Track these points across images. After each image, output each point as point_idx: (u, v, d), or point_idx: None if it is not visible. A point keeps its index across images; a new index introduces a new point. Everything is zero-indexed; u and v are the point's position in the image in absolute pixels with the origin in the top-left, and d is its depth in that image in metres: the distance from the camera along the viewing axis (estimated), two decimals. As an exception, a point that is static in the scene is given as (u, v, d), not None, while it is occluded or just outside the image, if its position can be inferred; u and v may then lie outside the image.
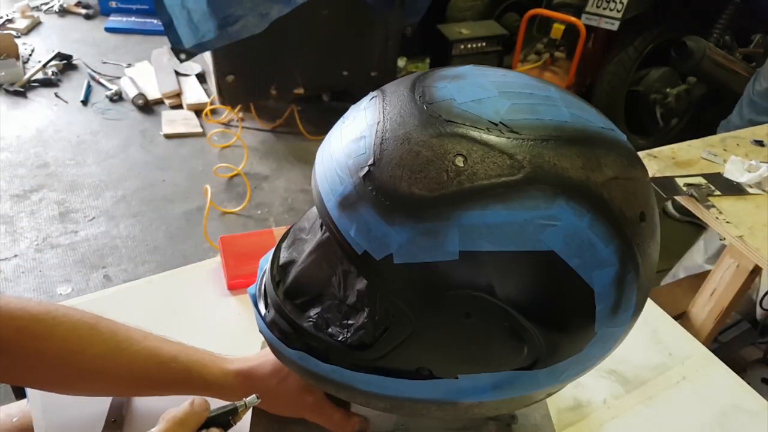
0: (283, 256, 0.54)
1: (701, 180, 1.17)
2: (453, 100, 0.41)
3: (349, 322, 0.46)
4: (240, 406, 0.47)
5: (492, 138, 0.39)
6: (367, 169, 0.40)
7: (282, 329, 0.49)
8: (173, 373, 0.57)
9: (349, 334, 0.46)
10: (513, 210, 0.37)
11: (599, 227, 0.39)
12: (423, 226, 0.38)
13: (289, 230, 0.57)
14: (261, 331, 0.51)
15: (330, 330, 0.47)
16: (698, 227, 2.07)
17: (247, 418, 0.56)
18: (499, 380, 0.43)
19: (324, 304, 0.49)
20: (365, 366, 0.44)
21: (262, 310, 0.52)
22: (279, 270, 0.53)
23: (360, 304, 0.46)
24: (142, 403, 0.65)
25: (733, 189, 1.15)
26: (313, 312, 0.49)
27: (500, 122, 0.40)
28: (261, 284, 0.54)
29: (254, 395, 0.48)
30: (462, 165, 0.38)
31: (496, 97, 0.42)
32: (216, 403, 0.51)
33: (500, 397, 0.45)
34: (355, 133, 0.43)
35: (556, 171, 0.39)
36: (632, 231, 0.41)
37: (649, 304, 0.90)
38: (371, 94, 0.46)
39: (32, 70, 2.87)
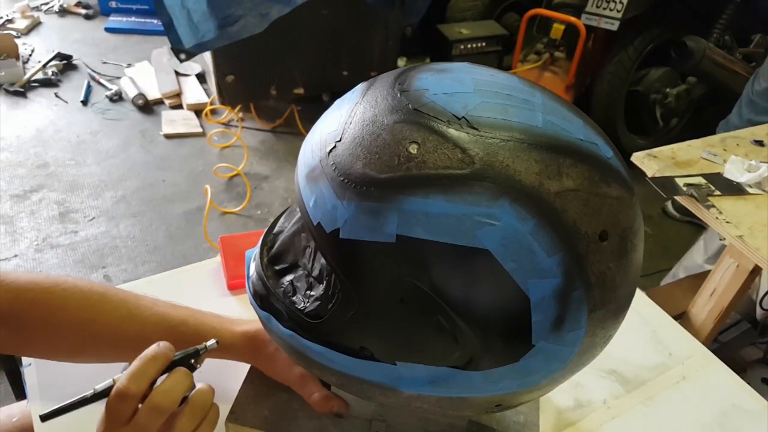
0: (278, 225, 0.57)
1: (701, 180, 1.17)
2: (426, 90, 0.42)
3: (311, 293, 0.49)
4: (201, 349, 0.48)
5: (450, 131, 0.39)
6: (333, 145, 0.42)
7: (258, 291, 0.52)
8: (183, 336, 0.59)
9: (307, 304, 0.48)
10: (453, 203, 0.38)
11: (543, 236, 0.38)
12: (367, 205, 0.39)
13: None
14: (247, 290, 0.54)
15: (294, 298, 0.49)
16: (698, 227, 2.07)
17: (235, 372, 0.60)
18: (435, 375, 0.43)
19: (296, 273, 0.51)
20: (317, 337, 0.46)
21: (252, 272, 0.55)
22: (272, 237, 0.56)
23: (320, 277, 0.48)
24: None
25: (733, 189, 1.15)
26: (286, 279, 0.51)
27: (464, 117, 0.40)
28: (257, 249, 0.57)
29: (214, 340, 0.49)
30: (414, 152, 0.39)
31: (469, 93, 0.42)
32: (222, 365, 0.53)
33: (438, 393, 0.44)
34: (337, 112, 0.46)
35: (507, 172, 0.38)
36: (586, 247, 0.40)
37: (649, 304, 0.90)
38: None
39: (32, 70, 2.87)
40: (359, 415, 0.61)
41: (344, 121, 0.43)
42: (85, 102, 2.74)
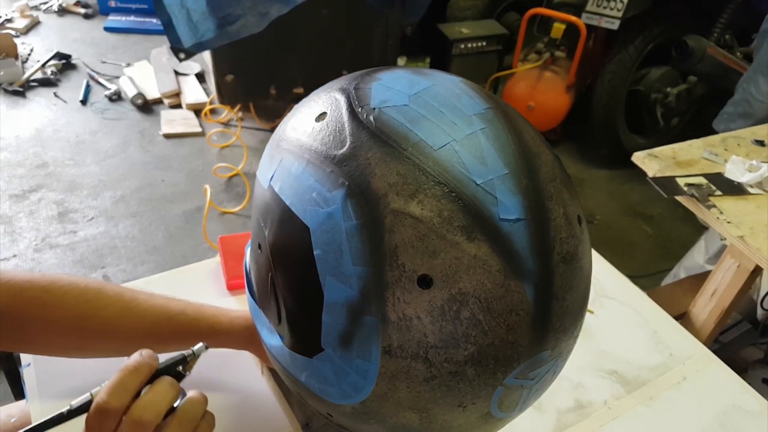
0: None
1: (702, 180, 1.17)
2: (378, 81, 0.43)
3: None
4: (188, 356, 0.44)
5: (354, 117, 0.40)
6: (299, 103, 0.49)
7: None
8: (182, 326, 0.59)
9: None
10: (308, 173, 0.39)
11: (356, 243, 0.36)
12: (271, 152, 0.45)
13: None
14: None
15: None
16: (699, 227, 2.07)
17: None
18: (272, 336, 0.46)
19: None
20: (248, 266, 0.53)
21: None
22: None
23: None
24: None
25: (734, 189, 1.15)
26: None
27: (376, 108, 0.40)
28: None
29: (202, 344, 0.46)
30: (318, 122, 0.42)
31: (404, 95, 0.40)
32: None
33: (275, 356, 0.47)
34: None
35: (364, 169, 0.37)
36: (396, 280, 0.36)
37: (650, 304, 0.90)
38: None
39: (31, 69, 2.87)
40: None
41: (322, 87, 0.48)
42: (84, 101, 2.74)
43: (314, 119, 0.42)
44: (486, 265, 0.36)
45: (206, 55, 2.39)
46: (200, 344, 0.46)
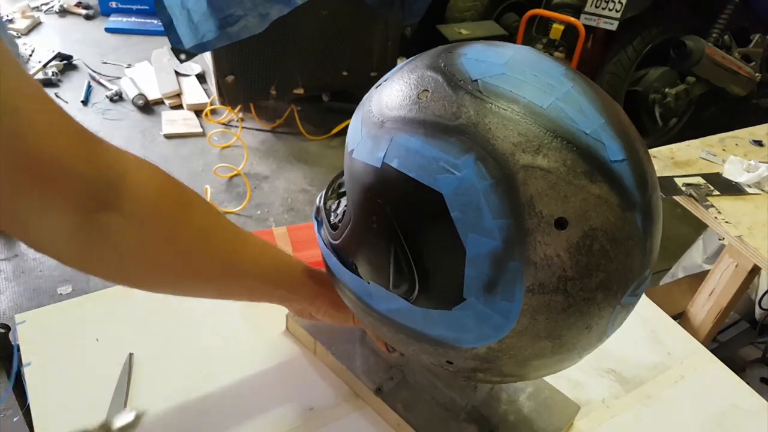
0: None
1: (700, 180, 1.17)
2: (465, 55, 0.46)
3: (338, 210, 0.57)
4: None
5: (459, 89, 0.43)
6: (379, 84, 0.49)
7: (317, 205, 0.60)
8: (284, 267, 0.60)
9: (334, 219, 0.56)
10: (429, 145, 0.42)
11: (494, 198, 0.40)
12: (374, 133, 0.46)
13: None
14: None
15: (333, 212, 0.57)
16: (697, 227, 2.07)
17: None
18: (390, 300, 0.48)
19: (341, 190, 0.60)
20: (334, 247, 0.53)
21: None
22: None
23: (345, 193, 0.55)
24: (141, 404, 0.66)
25: (732, 189, 1.16)
26: (333, 195, 0.60)
27: (477, 80, 0.43)
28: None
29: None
30: (422, 98, 0.44)
31: (497, 65, 0.44)
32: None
33: (396, 319, 0.49)
34: None
35: (486, 134, 0.41)
36: (536, 226, 0.40)
37: (648, 303, 0.90)
38: None
39: (32, 70, 2.87)
40: (387, 359, 0.69)
41: (393, 71, 0.49)
42: (85, 102, 2.75)
43: (416, 97, 0.44)
44: (607, 202, 0.41)
45: (207, 56, 2.40)
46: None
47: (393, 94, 0.46)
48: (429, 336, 0.48)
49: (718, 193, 1.14)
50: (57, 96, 2.77)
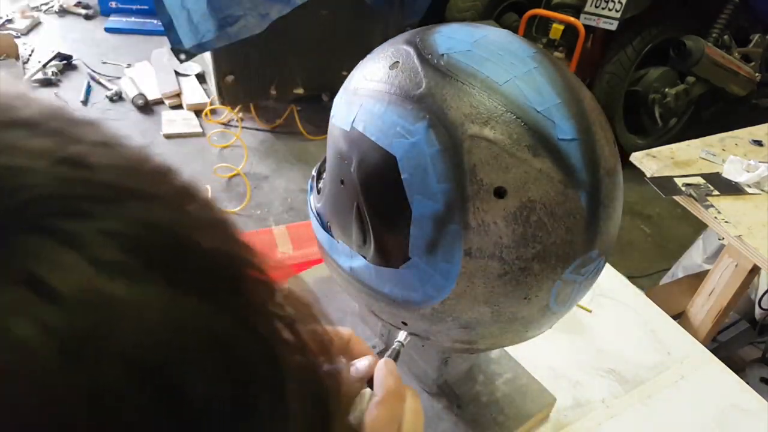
0: None
1: (700, 180, 1.18)
2: (439, 33, 0.49)
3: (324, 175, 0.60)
4: (400, 347, 0.50)
5: (426, 63, 0.46)
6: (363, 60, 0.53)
7: (313, 174, 0.63)
8: None
9: (321, 183, 0.58)
10: (390, 111, 0.45)
11: (440, 164, 0.43)
12: (349, 99, 0.49)
13: None
14: None
15: (322, 177, 0.59)
16: (697, 227, 2.07)
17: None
18: (354, 259, 0.51)
19: None
20: (318, 210, 0.57)
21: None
22: None
23: None
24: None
25: (732, 189, 1.16)
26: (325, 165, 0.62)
27: (444, 54, 0.46)
28: None
29: (407, 333, 0.51)
30: (392, 69, 0.47)
31: (466, 42, 0.47)
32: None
33: (358, 277, 0.52)
34: None
35: (441, 104, 0.44)
36: (475, 192, 0.42)
37: (648, 303, 0.91)
38: None
39: (32, 70, 2.87)
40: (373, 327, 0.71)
41: (381, 45, 0.53)
42: (85, 102, 2.75)
43: (388, 68, 0.47)
44: (549, 177, 0.43)
45: (207, 56, 2.40)
46: (405, 333, 0.51)
47: (371, 65, 0.50)
48: (384, 294, 0.50)
49: (717, 192, 1.14)
50: (57, 96, 2.77)
